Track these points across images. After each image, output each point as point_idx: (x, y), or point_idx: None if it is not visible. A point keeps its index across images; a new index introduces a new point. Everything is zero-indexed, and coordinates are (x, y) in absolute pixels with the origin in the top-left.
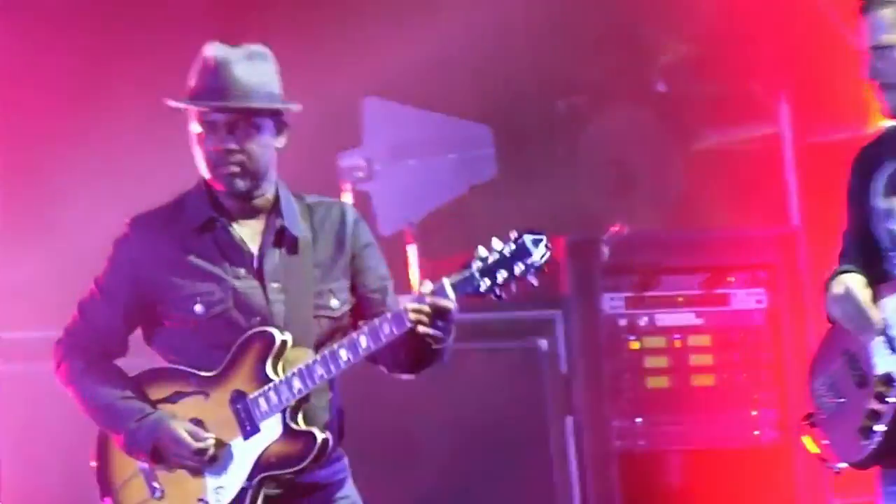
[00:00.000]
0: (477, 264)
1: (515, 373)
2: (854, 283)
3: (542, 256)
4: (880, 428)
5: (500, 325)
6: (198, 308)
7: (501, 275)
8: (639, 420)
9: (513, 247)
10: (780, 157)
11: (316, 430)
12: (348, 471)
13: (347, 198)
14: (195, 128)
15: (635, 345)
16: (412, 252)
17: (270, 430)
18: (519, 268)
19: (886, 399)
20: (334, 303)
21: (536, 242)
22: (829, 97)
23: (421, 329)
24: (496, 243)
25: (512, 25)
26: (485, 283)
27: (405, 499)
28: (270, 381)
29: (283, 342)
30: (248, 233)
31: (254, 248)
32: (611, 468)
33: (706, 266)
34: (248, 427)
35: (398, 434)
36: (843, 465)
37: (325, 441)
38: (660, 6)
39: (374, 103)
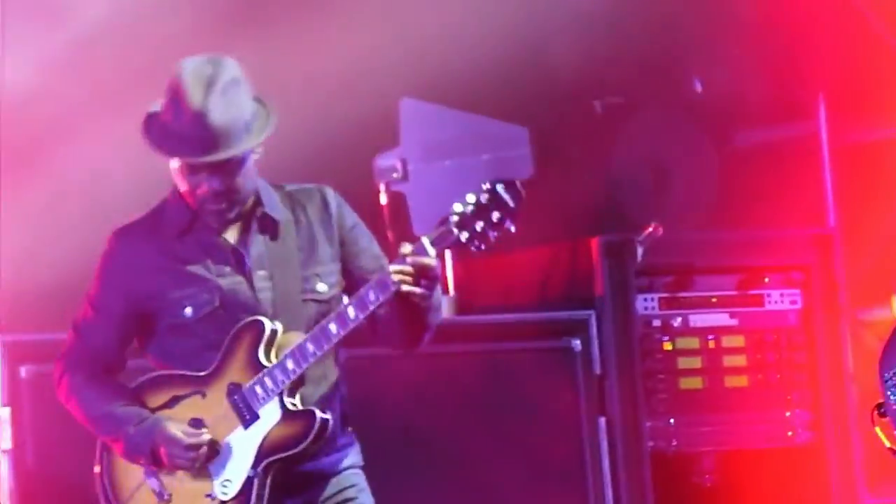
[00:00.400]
0: (454, 218)
1: (549, 373)
2: None
3: (516, 201)
4: None
5: (533, 325)
6: (187, 311)
7: (479, 225)
8: (672, 421)
9: (487, 196)
10: (817, 157)
11: (315, 409)
12: (357, 458)
13: (383, 199)
14: (174, 163)
15: (669, 345)
16: (448, 252)
17: (270, 415)
18: (495, 216)
19: None
20: (321, 287)
21: (509, 189)
22: (867, 97)
23: (405, 289)
24: (470, 196)
25: (548, 25)
26: (464, 235)
27: (436, 498)
28: (264, 368)
29: (274, 330)
30: (231, 230)
31: (236, 240)
32: (644, 469)
33: (741, 267)
34: (248, 416)
35: (431, 433)
36: None
37: (325, 420)
38: (697, 6)
39: (411, 104)
